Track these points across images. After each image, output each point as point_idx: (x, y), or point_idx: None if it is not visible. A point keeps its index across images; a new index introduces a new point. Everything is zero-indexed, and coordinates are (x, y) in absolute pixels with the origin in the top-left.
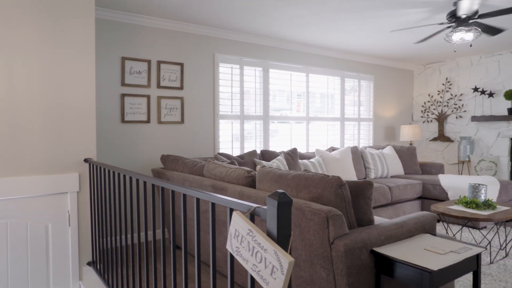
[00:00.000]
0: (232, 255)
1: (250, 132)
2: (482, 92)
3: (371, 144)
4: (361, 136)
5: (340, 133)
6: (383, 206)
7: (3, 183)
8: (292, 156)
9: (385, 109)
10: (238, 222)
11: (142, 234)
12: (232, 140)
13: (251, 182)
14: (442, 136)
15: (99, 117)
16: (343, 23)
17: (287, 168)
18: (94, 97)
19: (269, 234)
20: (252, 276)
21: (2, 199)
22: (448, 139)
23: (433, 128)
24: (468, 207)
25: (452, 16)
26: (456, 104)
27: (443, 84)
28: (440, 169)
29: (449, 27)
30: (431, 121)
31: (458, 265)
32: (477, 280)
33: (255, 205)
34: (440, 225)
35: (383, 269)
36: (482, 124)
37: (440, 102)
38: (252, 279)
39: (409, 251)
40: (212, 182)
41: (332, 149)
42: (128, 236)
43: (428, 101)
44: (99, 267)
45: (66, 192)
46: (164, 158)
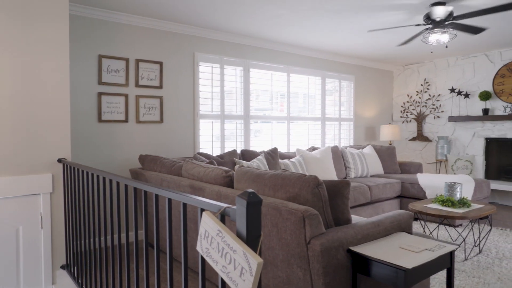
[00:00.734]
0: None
1: (231, 132)
2: (459, 93)
3: (351, 144)
4: (342, 136)
5: (321, 133)
6: (362, 205)
7: None
8: (272, 155)
9: (365, 109)
10: (207, 223)
11: (117, 236)
12: (213, 140)
13: (229, 182)
14: (420, 136)
15: (75, 116)
16: (322, 23)
17: (267, 168)
18: (68, 96)
19: (239, 234)
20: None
21: None
22: (427, 139)
23: (412, 128)
24: (444, 206)
25: (428, 18)
26: (434, 105)
27: (421, 85)
28: (418, 168)
29: (426, 28)
30: (410, 121)
31: (432, 263)
32: (451, 277)
33: (225, 205)
34: (418, 223)
35: (360, 268)
36: (458, 124)
37: (419, 102)
38: (223, 281)
39: (385, 250)
40: (190, 182)
41: (313, 148)
42: (103, 238)
43: (407, 102)
44: (73, 270)
45: (39, 194)
46: (142, 158)
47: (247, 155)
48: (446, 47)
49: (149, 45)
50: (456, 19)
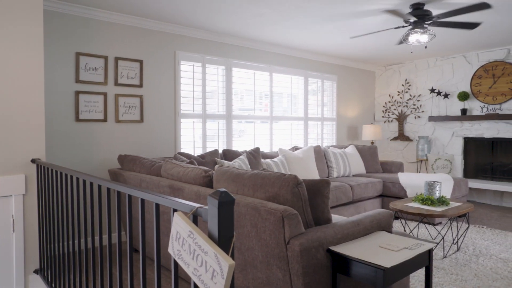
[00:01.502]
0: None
1: (213, 132)
2: (438, 93)
3: (334, 144)
4: (325, 135)
5: (303, 132)
6: (345, 204)
7: None
8: (254, 155)
9: (348, 109)
10: (179, 224)
11: (91, 239)
12: (194, 140)
13: (209, 182)
14: (402, 136)
15: (51, 115)
16: (304, 22)
17: (249, 167)
18: (42, 94)
19: (210, 235)
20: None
21: None
22: (408, 139)
23: (394, 128)
24: (424, 204)
25: (409, 18)
26: (414, 105)
27: (402, 85)
28: (399, 167)
29: (410, 28)
30: (392, 121)
31: (411, 261)
32: (429, 275)
33: (197, 205)
34: (399, 222)
35: (340, 268)
36: (438, 124)
37: (400, 102)
38: (196, 284)
39: (365, 249)
40: (169, 182)
41: (296, 148)
42: (77, 241)
43: (389, 102)
44: (46, 275)
45: (11, 195)
46: (121, 158)
47: (229, 155)
48: (426, 47)
49: (129, 43)
50: (438, 18)
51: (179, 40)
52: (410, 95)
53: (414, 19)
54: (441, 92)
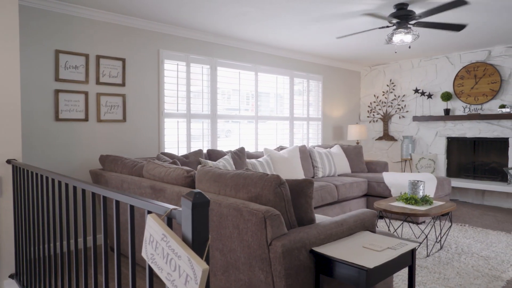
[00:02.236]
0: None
1: (198, 132)
2: (422, 94)
3: (320, 143)
4: (310, 135)
5: (289, 132)
6: (330, 204)
7: None
8: (239, 155)
9: (333, 109)
10: (152, 226)
11: (66, 242)
12: (178, 140)
13: (191, 182)
14: (386, 136)
15: (28, 114)
16: (289, 21)
17: (234, 167)
18: (18, 92)
19: (184, 239)
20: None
21: None
22: (392, 138)
23: (379, 128)
24: (408, 203)
25: (393, 18)
26: (399, 105)
27: (387, 85)
28: (384, 167)
29: (396, 28)
30: (377, 121)
31: (394, 261)
32: (412, 275)
33: (172, 207)
34: (384, 221)
35: (323, 269)
36: (422, 124)
37: (385, 102)
38: None
39: (348, 250)
40: (151, 183)
41: (281, 148)
42: (55, 244)
43: (374, 102)
44: (22, 280)
45: None
46: (103, 159)
47: (214, 155)
48: (409, 47)
49: (111, 41)
50: (420, 17)
51: (163, 39)
52: (395, 95)
53: (397, 20)
54: (425, 93)
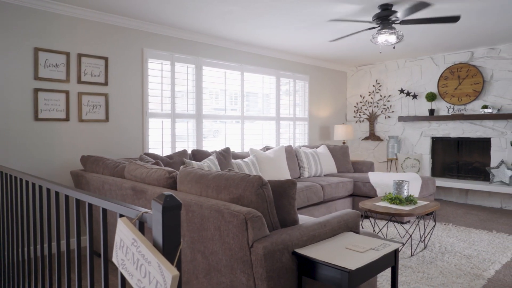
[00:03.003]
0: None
1: (183, 132)
2: (407, 94)
3: (306, 144)
4: (297, 135)
5: (275, 132)
6: (316, 204)
7: None
8: (224, 155)
9: (320, 109)
10: (123, 231)
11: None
12: (163, 140)
13: (173, 183)
14: (372, 136)
15: (6, 113)
16: (274, 20)
17: (219, 168)
18: None
19: (155, 244)
20: None
21: None
22: (378, 138)
23: (365, 128)
24: (393, 203)
25: (378, 18)
26: (385, 105)
27: (373, 86)
28: (370, 167)
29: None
30: (363, 121)
31: (377, 262)
32: (395, 276)
33: (143, 210)
34: (369, 221)
35: (305, 271)
36: (407, 124)
37: (371, 103)
38: None
39: (331, 251)
40: (133, 184)
41: (267, 148)
42: (26, 249)
43: (360, 102)
44: None
45: None
46: (84, 159)
47: (199, 155)
48: (394, 47)
49: (93, 39)
50: (404, 17)
51: (147, 38)
52: (381, 96)
53: (381, 21)
54: (410, 93)
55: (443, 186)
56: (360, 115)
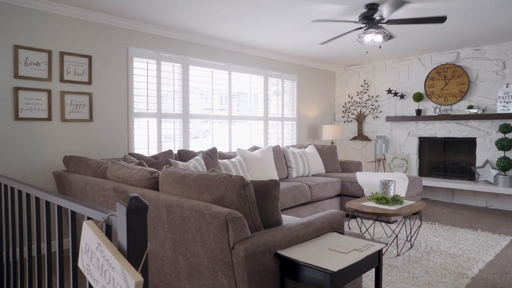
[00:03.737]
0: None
1: (169, 132)
2: (395, 94)
3: (294, 144)
4: (285, 135)
5: (263, 132)
6: (303, 204)
7: None
8: (211, 156)
9: (308, 109)
10: (88, 234)
11: (18, 250)
12: (149, 140)
13: (155, 184)
14: (361, 135)
15: None
16: (260, 19)
17: (205, 168)
18: None
19: (120, 248)
20: None
21: None
22: (366, 138)
23: (353, 128)
24: (379, 203)
25: (364, 18)
26: (373, 105)
27: (361, 86)
28: (358, 167)
29: (365, 28)
30: (351, 121)
31: (360, 263)
32: (379, 276)
33: (110, 212)
34: (356, 221)
35: (288, 273)
36: (395, 124)
37: (359, 103)
38: None
39: (314, 252)
40: (114, 185)
41: (255, 148)
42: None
43: (349, 102)
44: None
45: None
46: (66, 160)
47: (185, 155)
48: (380, 47)
49: (76, 37)
50: (388, 16)
51: (132, 36)
52: (369, 96)
53: (367, 20)
54: (398, 93)
55: (430, 185)
56: (348, 115)
